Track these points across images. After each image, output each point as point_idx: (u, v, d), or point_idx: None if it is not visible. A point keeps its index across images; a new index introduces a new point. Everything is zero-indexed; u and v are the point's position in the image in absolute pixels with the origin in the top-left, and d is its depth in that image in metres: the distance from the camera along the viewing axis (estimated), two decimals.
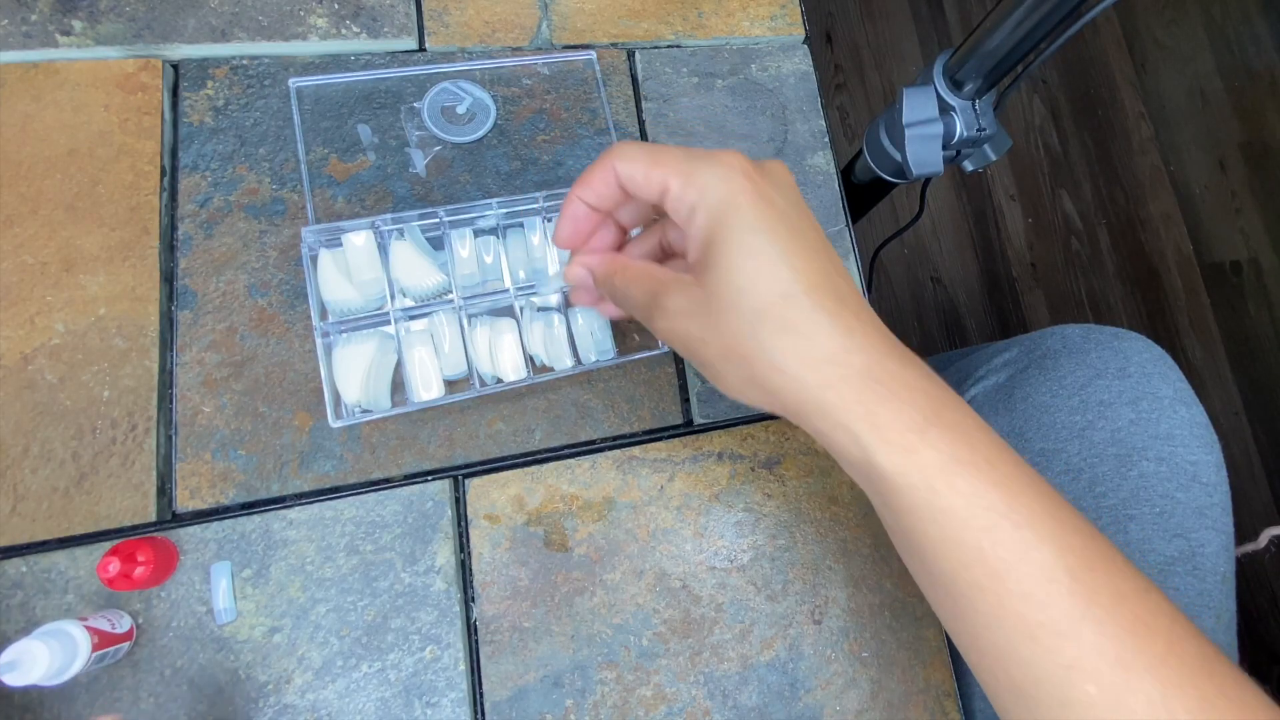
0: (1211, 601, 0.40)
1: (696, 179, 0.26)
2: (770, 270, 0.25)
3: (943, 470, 0.23)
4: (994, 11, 0.40)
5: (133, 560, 0.32)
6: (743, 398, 0.27)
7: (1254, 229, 1.43)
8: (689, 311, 0.26)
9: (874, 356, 0.24)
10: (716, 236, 0.25)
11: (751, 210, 0.25)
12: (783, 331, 0.24)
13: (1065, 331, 0.47)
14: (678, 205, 0.27)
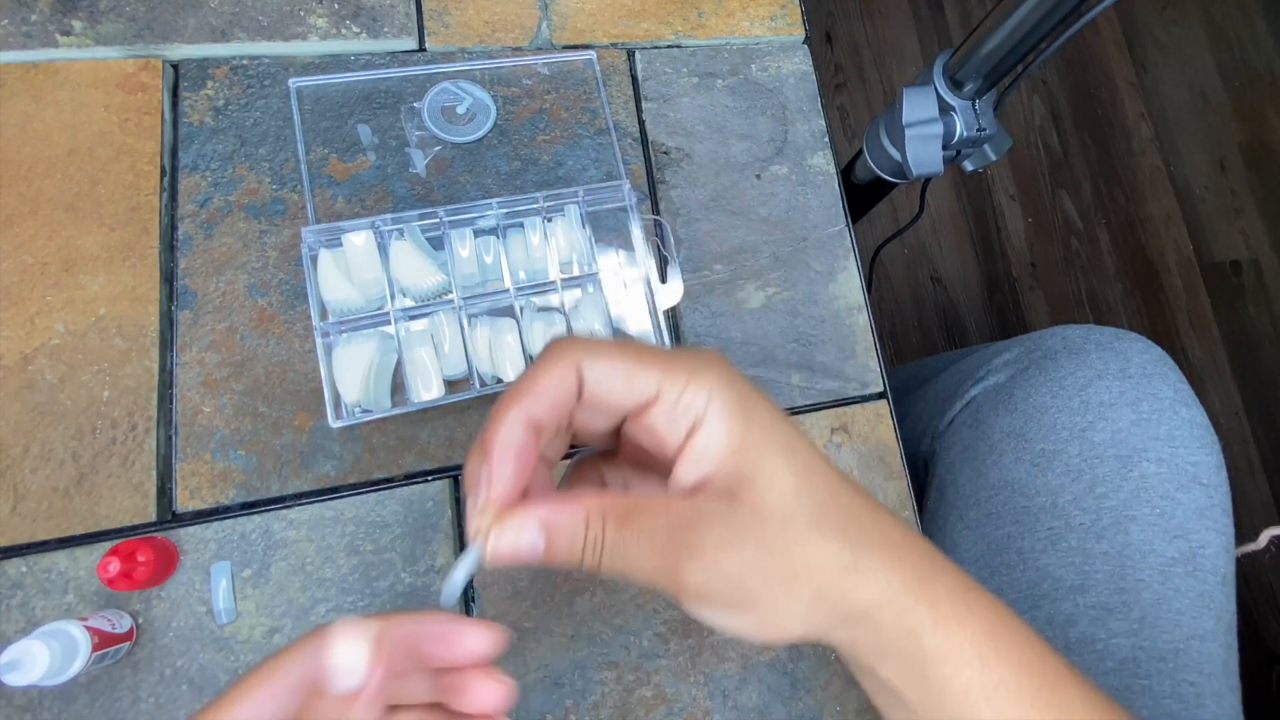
0: (1212, 602, 0.40)
1: (700, 381, 0.22)
2: (816, 465, 0.22)
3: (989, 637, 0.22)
4: (994, 11, 0.40)
5: (133, 560, 0.32)
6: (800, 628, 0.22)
7: (1254, 229, 1.43)
8: (732, 541, 0.21)
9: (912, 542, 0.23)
10: (747, 443, 0.21)
11: (767, 412, 0.22)
12: (847, 523, 0.22)
13: (1066, 332, 0.47)
14: (674, 415, 0.21)
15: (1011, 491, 0.44)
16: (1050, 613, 0.41)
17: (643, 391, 0.22)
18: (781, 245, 0.47)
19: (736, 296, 0.45)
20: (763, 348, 0.45)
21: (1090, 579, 0.40)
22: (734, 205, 0.47)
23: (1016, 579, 0.42)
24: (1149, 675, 0.38)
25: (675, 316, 0.45)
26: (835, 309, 0.47)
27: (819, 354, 0.46)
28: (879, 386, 0.46)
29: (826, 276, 0.47)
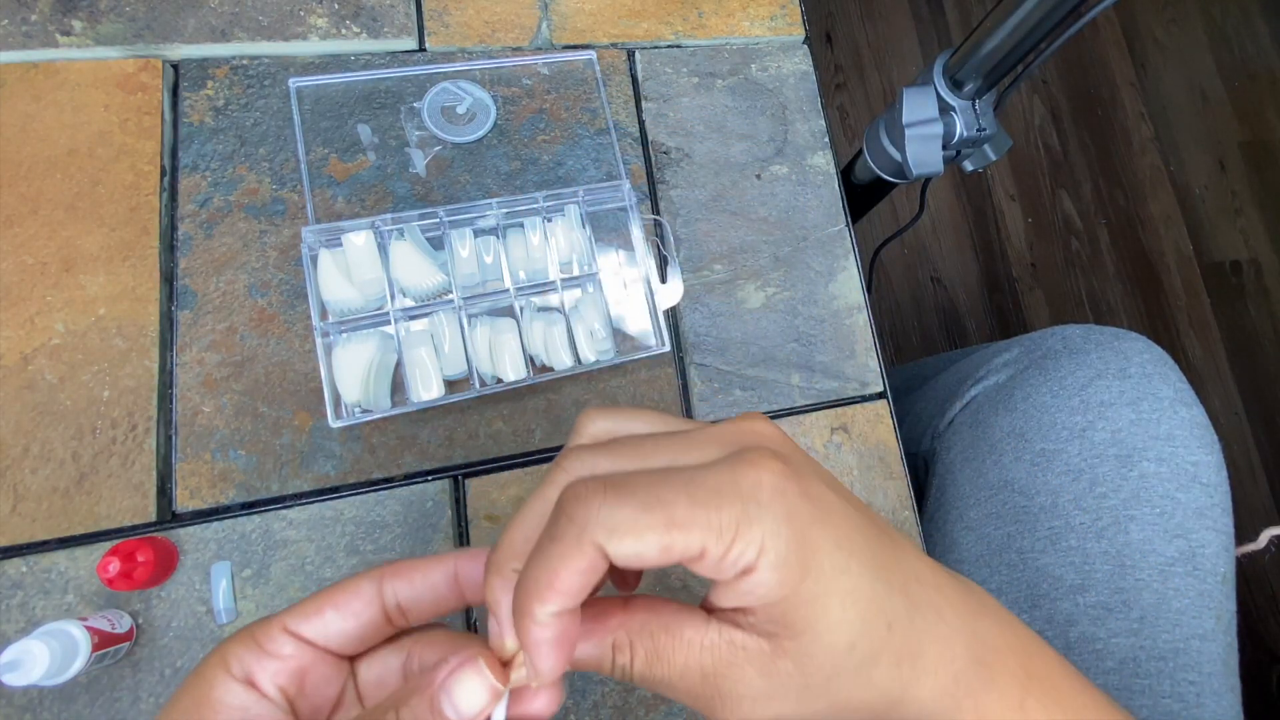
0: (1212, 602, 0.40)
1: (750, 532, 0.18)
2: (875, 606, 0.20)
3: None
4: (994, 11, 0.40)
5: (133, 560, 0.32)
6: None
7: (1254, 229, 1.43)
8: (774, 693, 0.20)
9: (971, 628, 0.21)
10: (800, 597, 0.19)
11: (831, 550, 0.19)
12: (902, 657, 0.20)
13: (1066, 332, 0.47)
14: (720, 567, 0.19)
15: (1011, 491, 0.44)
16: (1050, 612, 0.41)
17: (683, 555, 0.18)
18: (781, 245, 0.47)
19: (736, 296, 0.45)
20: (763, 348, 0.45)
21: (1090, 578, 0.40)
22: (734, 205, 0.47)
23: (1016, 579, 0.42)
24: (1149, 675, 0.38)
25: (675, 316, 0.45)
26: (835, 309, 0.47)
27: (819, 354, 0.46)
28: (879, 386, 0.46)
29: (826, 276, 0.47)
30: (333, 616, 0.22)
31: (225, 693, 0.21)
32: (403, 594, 0.22)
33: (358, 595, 0.22)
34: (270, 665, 0.21)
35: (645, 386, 0.43)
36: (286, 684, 0.21)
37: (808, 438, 0.44)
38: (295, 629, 0.21)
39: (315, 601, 0.22)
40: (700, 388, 0.43)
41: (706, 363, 0.44)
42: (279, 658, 0.21)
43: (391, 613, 0.23)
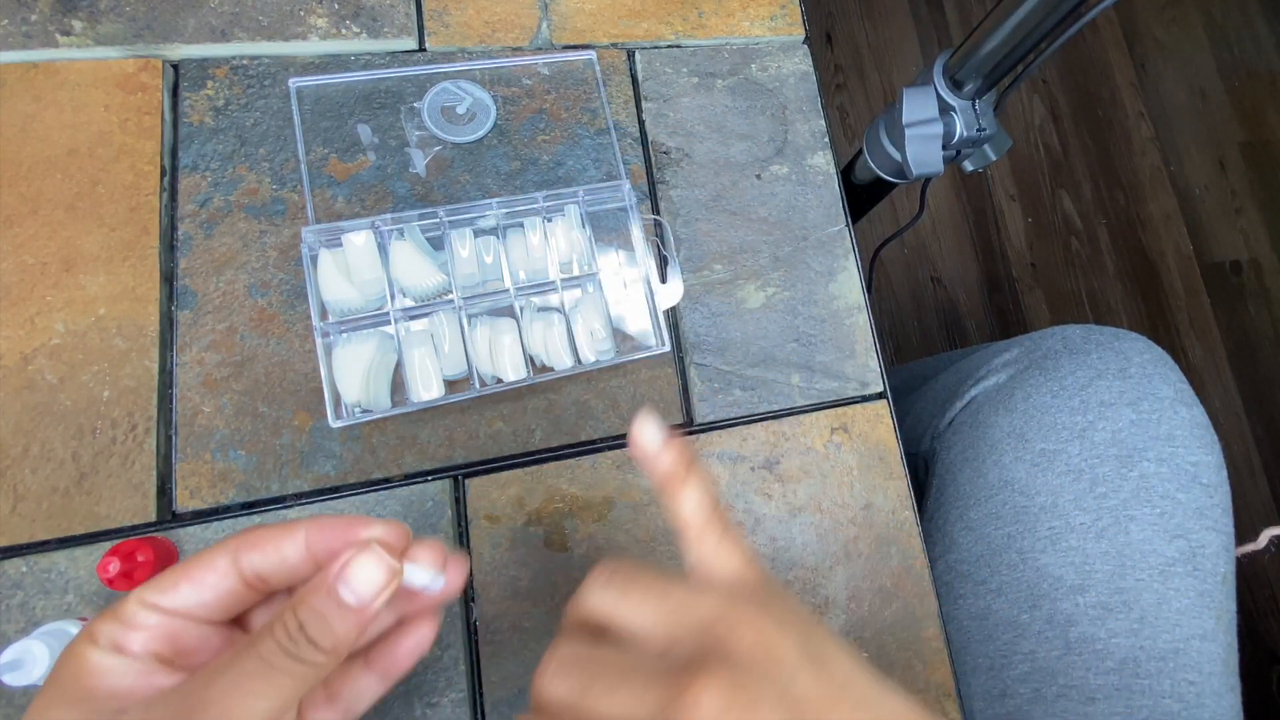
0: (1212, 602, 0.40)
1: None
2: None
3: None
4: (994, 11, 0.40)
5: (133, 560, 0.32)
6: None
7: (1254, 229, 1.43)
8: None
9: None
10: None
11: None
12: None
13: (1066, 332, 0.47)
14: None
15: (1012, 491, 0.44)
16: (1050, 612, 0.41)
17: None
18: (781, 245, 0.47)
19: (736, 296, 0.45)
20: (763, 348, 0.45)
21: (1090, 578, 0.40)
22: (734, 205, 0.47)
23: (1017, 579, 0.42)
24: (1149, 675, 0.38)
25: (675, 316, 0.45)
26: (835, 309, 0.47)
27: (819, 354, 0.46)
28: (879, 386, 0.46)
29: (826, 276, 0.47)
30: (188, 589, 0.23)
31: (98, 660, 0.22)
32: (258, 564, 0.23)
33: (211, 569, 0.23)
34: (137, 635, 0.22)
35: (645, 386, 0.43)
36: (159, 648, 0.22)
37: (808, 438, 0.44)
38: (153, 601, 0.22)
39: (171, 576, 0.23)
40: (700, 387, 0.43)
41: (706, 363, 0.44)
42: (143, 628, 0.22)
43: (251, 581, 0.23)
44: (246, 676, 0.20)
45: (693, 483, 0.25)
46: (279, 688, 0.21)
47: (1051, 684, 0.40)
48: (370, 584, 0.22)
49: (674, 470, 0.25)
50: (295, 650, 0.21)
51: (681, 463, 0.25)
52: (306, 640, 0.21)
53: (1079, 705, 0.39)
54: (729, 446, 0.43)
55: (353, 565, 0.22)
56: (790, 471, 0.43)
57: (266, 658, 0.21)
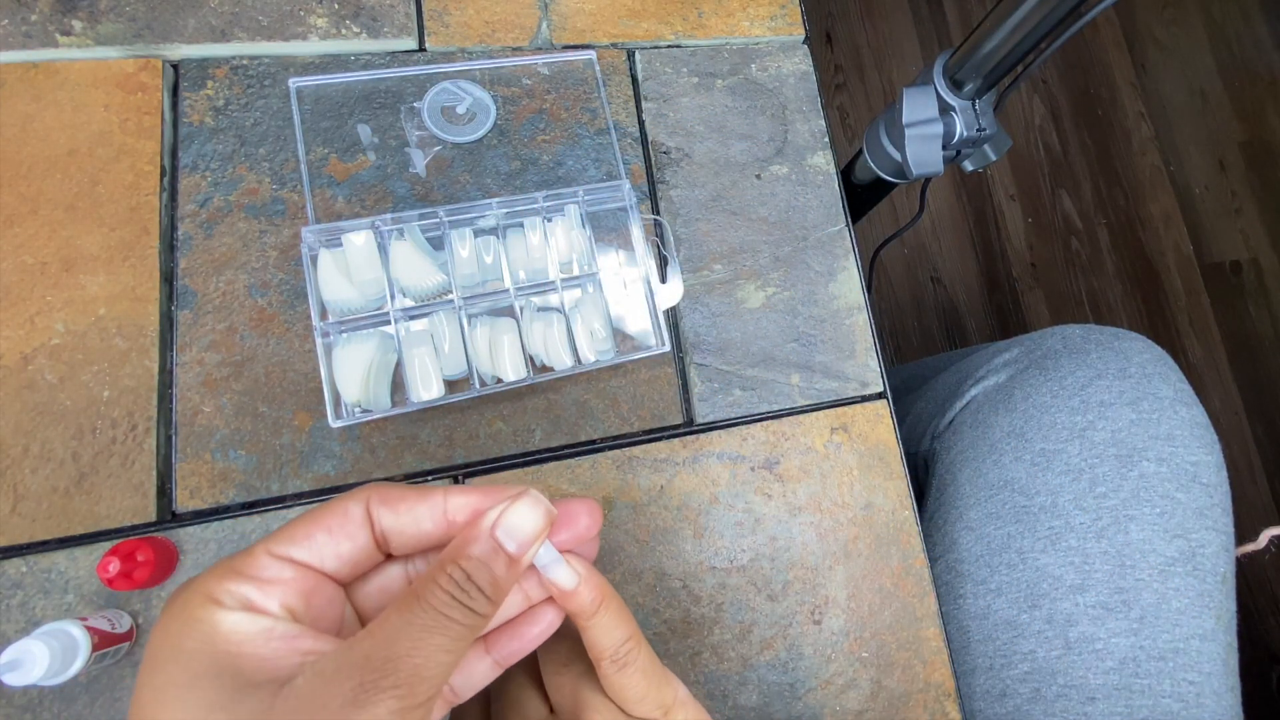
0: (1212, 602, 0.40)
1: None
2: None
3: None
4: (994, 11, 0.40)
5: (133, 560, 0.32)
6: None
7: (1254, 229, 1.43)
8: None
9: None
10: None
11: None
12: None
13: (1066, 331, 0.47)
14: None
15: (1011, 491, 0.44)
16: (1050, 612, 0.41)
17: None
18: (781, 245, 0.47)
19: (736, 296, 0.45)
20: (762, 348, 0.45)
21: (1090, 578, 0.40)
22: (734, 205, 0.47)
23: (1016, 578, 0.42)
24: (1149, 674, 0.38)
25: (675, 316, 0.45)
26: (835, 309, 0.47)
27: (819, 354, 0.46)
28: (879, 386, 0.46)
29: (826, 276, 0.47)
30: (323, 540, 0.20)
31: (232, 624, 0.19)
32: (388, 524, 0.21)
33: (347, 518, 0.21)
34: (272, 591, 0.19)
35: (645, 386, 0.43)
36: (294, 604, 0.20)
37: (808, 438, 0.44)
38: (285, 553, 0.20)
39: (302, 526, 0.21)
40: (700, 387, 0.43)
41: (706, 362, 0.44)
42: (278, 583, 0.20)
43: (378, 539, 0.22)
44: (428, 631, 0.19)
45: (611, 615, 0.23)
46: (457, 640, 0.19)
47: (1051, 684, 0.40)
48: (529, 529, 0.21)
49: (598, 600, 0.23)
50: (468, 600, 0.19)
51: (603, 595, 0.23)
52: (476, 589, 0.20)
53: (1079, 705, 0.39)
54: (729, 446, 0.43)
55: (511, 511, 0.20)
56: (790, 471, 0.43)
57: (442, 610, 0.19)
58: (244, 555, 0.20)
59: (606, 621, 0.23)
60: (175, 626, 0.19)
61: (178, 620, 0.19)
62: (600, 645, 0.23)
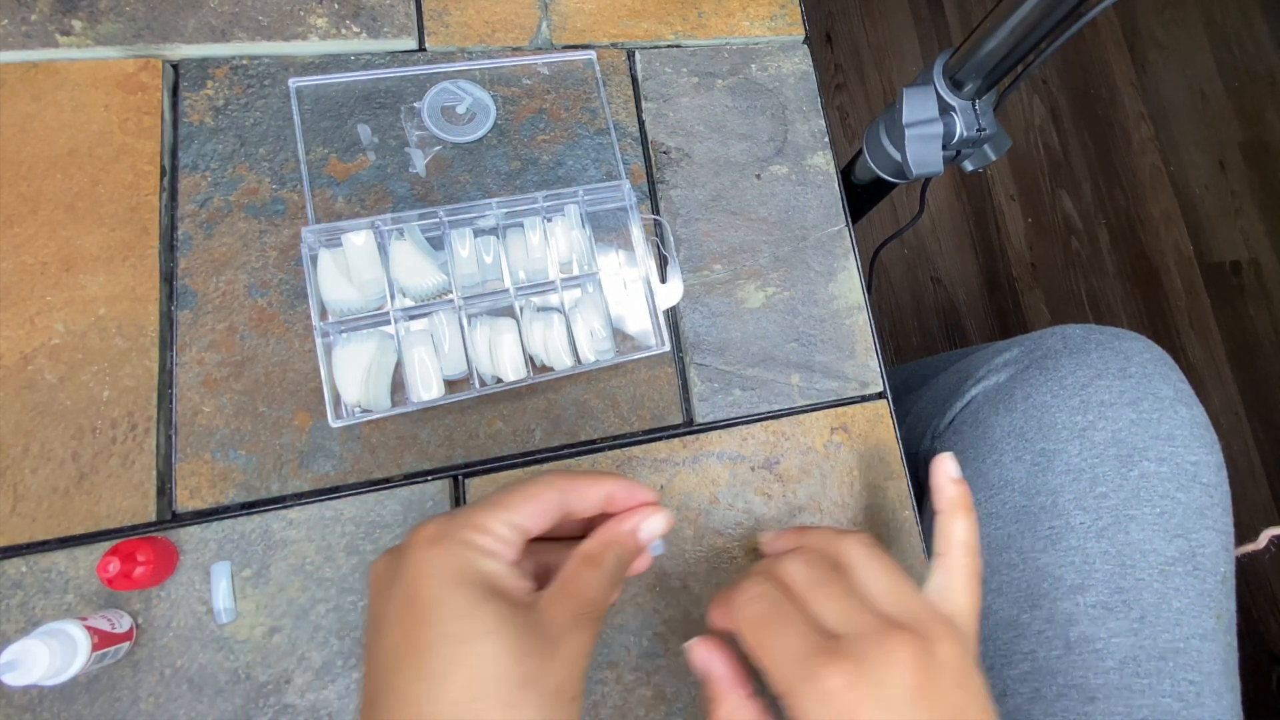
0: (1212, 601, 0.40)
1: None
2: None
3: None
4: (994, 11, 0.40)
5: (133, 560, 0.32)
6: None
7: (1254, 229, 1.43)
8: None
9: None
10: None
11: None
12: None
13: (1066, 331, 0.47)
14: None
15: (1012, 491, 0.44)
16: (1050, 612, 0.41)
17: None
18: (781, 245, 0.47)
19: (736, 296, 0.45)
20: (762, 347, 0.45)
21: (1090, 578, 0.40)
22: (733, 205, 0.47)
23: (1017, 578, 0.42)
24: (1149, 674, 0.38)
25: (675, 316, 0.45)
26: (835, 309, 0.47)
27: (819, 354, 0.46)
28: (879, 386, 0.46)
29: (826, 276, 0.47)
30: (530, 509, 0.27)
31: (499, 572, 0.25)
32: (571, 500, 0.29)
33: (548, 496, 0.28)
34: (504, 545, 0.26)
35: (645, 386, 0.43)
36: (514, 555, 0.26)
37: (808, 438, 0.44)
38: (509, 519, 0.26)
39: (510, 497, 0.27)
40: (700, 387, 0.43)
41: (706, 362, 0.44)
42: (506, 540, 0.26)
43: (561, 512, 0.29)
44: (602, 581, 0.28)
45: (965, 516, 0.33)
46: (614, 585, 0.28)
47: (1051, 683, 0.40)
48: (654, 533, 0.30)
49: (958, 500, 0.33)
50: (619, 565, 0.29)
51: (964, 497, 0.33)
52: (622, 559, 0.29)
53: (1079, 705, 0.39)
54: (729, 446, 0.43)
55: (651, 518, 0.30)
56: (790, 471, 0.43)
57: (608, 569, 0.28)
58: (483, 515, 0.26)
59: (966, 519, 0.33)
60: (447, 565, 0.24)
61: (451, 561, 0.25)
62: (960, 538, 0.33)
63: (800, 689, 0.25)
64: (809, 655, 0.26)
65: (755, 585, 0.29)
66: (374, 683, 0.24)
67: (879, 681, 0.25)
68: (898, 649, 0.26)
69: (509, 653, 0.23)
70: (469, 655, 0.23)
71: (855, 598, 0.28)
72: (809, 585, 0.29)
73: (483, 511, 0.26)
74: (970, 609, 0.31)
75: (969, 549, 0.33)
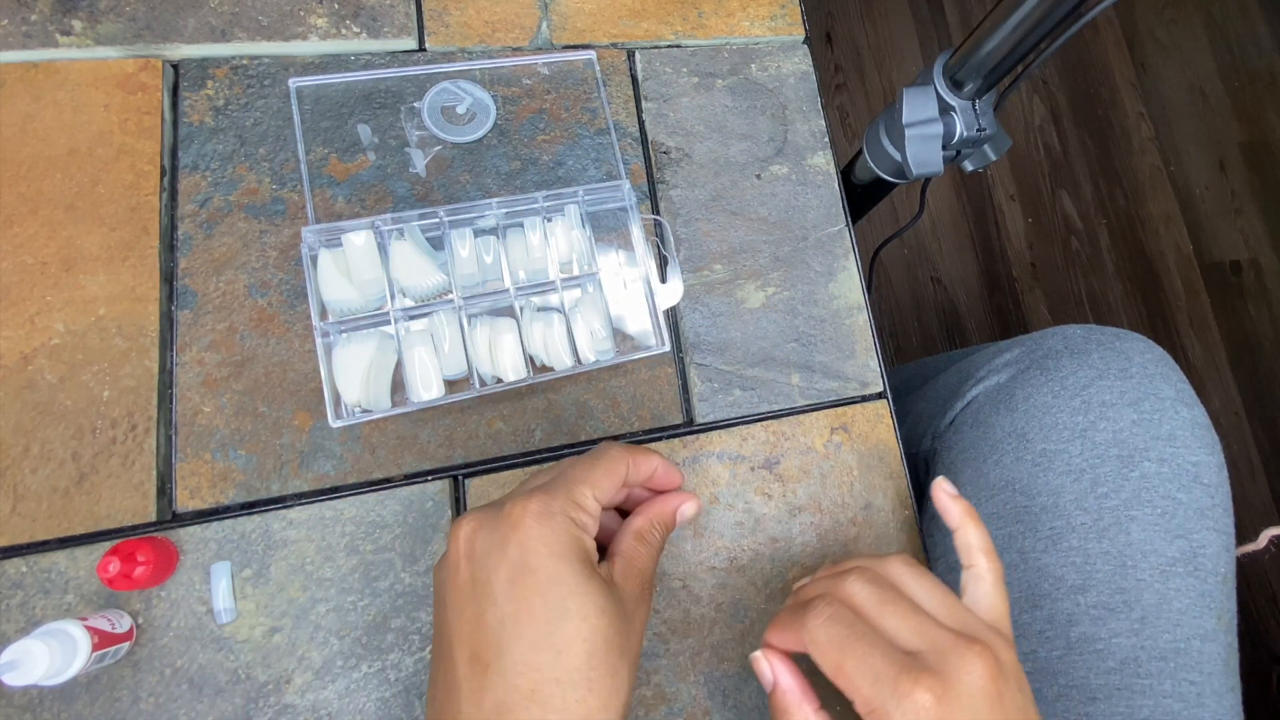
0: (1212, 602, 0.40)
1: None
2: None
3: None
4: (994, 11, 0.40)
5: (133, 560, 0.32)
6: None
7: (1254, 229, 1.43)
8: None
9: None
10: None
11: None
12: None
13: (1067, 332, 0.47)
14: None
15: (1012, 491, 0.44)
16: (1051, 612, 0.41)
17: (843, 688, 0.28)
18: (781, 245, 0.47)
19: (736, 296, 0.45)
20: (762, 347, 0.45)
21: (1091, 578, 0.40)
22: (734, 205, 0.47)
23: (1017, 579, 0.42)
24: (1150, 674, 0.38)
25: (675, 316, 0.45)
26: (835, 309, 0.47)
27: (819, 354, 0.46)
28: (879, 386, 0.46)
29: (826, 276, 0.47)
30: (608, 485, 0.30)
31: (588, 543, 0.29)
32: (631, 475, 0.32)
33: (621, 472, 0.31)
34: (592, 520, 0.29)
35: (645, 386, 0.43)
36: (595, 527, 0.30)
37: (808, 438, 0.44)
38: (594, 495, 0.29)
39: (602, 474, 0.30)
40: (700, 387, 0.43)
41: (706, 362, 0.44)
42: (594, 515, 0.29)
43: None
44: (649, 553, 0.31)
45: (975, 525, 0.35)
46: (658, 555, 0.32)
47: (1052, 684, 0.40)
48: (688, 517, 0.34)
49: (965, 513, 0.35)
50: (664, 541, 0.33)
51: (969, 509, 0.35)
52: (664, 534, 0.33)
53: (1080, 705, 0.39)
54: (729, 446, 0.43)
55: (689, 504, 0.34)
56: (790, 471, 0.43)
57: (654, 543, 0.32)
58: (581, 491, 0.29)
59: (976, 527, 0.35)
60: (557, 541, 0.27)
61: (560, 537, 0.27)
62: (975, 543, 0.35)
63: (890, 707, 0.26)
64: (896, 675, 0.27)
65: (826, 607, 0.30)
66: (482, 645, 0.26)
67: (964, 693, 0.27)
68: (975, 660, 0.27)
69: (612, 627, 0.27)
70: (586, 629, 0.26)
71: (922, 614, 0.29)
72: (877, 604, 0.30)
73: (579, 486, 0.29)
74: (1005, 610, 0.33)
75: (989, 553, 0.34)
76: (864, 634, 0.28)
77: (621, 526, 0.32)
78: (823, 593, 0.31)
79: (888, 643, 0.28)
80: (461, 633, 0.27)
